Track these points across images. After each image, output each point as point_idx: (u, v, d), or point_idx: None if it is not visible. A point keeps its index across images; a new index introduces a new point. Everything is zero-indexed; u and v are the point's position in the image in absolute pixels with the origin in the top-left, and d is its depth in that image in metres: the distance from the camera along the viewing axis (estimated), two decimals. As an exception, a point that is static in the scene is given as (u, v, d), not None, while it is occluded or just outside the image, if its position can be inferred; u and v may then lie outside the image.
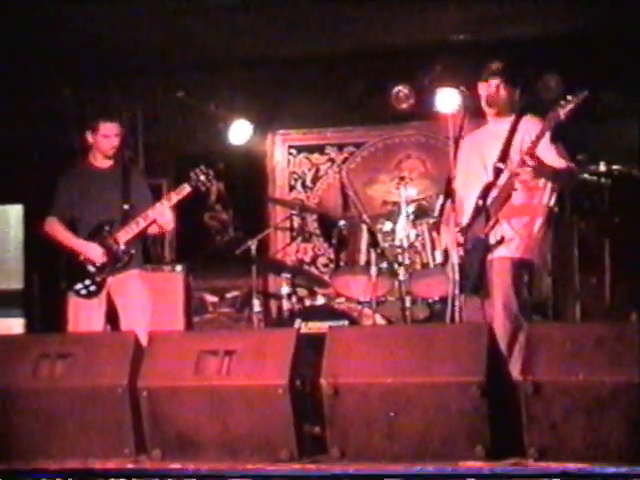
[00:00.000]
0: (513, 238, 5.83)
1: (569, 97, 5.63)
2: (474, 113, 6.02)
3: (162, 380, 4.97)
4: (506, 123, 5.96)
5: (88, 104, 8.70)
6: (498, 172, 5.85)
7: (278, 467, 4.66)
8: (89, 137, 6.81)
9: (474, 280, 5.78)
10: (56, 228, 6.76)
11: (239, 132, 8.97)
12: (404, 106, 8.97)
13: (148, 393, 4.94)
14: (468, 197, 5.95)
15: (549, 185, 5.91)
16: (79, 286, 6.61)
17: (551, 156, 5.80)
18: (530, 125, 5.87)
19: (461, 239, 5.75)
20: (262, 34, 8.08)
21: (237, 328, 8.93)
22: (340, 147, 9.52)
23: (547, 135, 5.74)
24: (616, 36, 7.91)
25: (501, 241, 5.80)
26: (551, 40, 8.19)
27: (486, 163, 5.94)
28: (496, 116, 6.02)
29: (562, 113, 5.62)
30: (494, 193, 5.86)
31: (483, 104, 6.02)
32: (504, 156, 5.86)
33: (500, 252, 5.83)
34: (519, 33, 8.19)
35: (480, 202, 5.86)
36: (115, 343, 5.25)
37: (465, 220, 5.87)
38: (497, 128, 5.99)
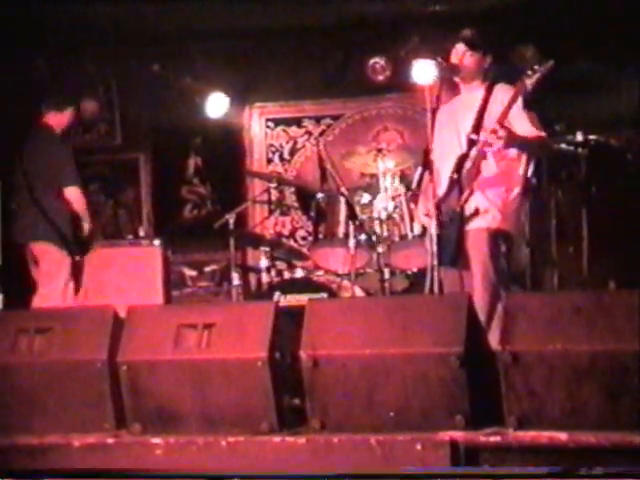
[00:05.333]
0: (488, 209, 5.84)
1: (536, 67, 5.63)
2: (451, 84, 6.02)
3: (141, 354, 4.97)
4: (479, 92, 5.96)
5: (63, 76, 8.65)
6: (472, 143, 5.85)
7: (258, 439, 4.68)
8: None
9: (452, 252, 5.79)
10: (81, 197, 7.07)
11: (216, 105, 8.94)
12: (381, 78, 8.96)
13: (127, 367, 4.94)
14: (443, 168, 5.95)
15: (524, 155, 5.92)
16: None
17: (521, 125, 5.80)
18: (503, 93, 5.87)
19: (436, 211, 5.76)
20: (238, 5, 8.04)
21: (216, 301, 8.93)
22: (317, 119, 9.51)
23: (518, 104, 5.75)
24: (593, 5, 7.91)
25: (476, 212, 5.81)
26: (528, 10, 8.19)
27: (459, 133, 5.94)
28: (464, 83, 6.01)
29: (529, 83, 5.63)
30: (468, 164, 5.86)
31: (455, 73, 6.00)
32: (477, 126, 5.86)
33: (476, 223, 5.84)
34: (495, 3, 8.18)
35: (455, 174, 5.87)
36: (94, 317, 5.23)
37: (441, 192, 5.88)
38: (470, 98, 5.98)
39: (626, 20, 7.81)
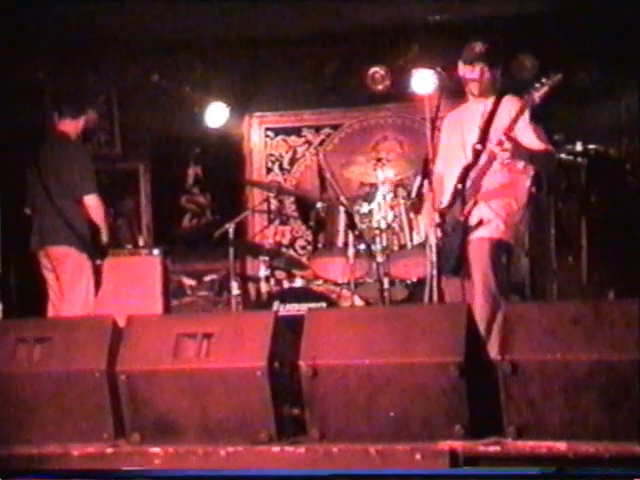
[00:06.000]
0: (492, 219, 5.84)
1: (544, 80, 5.63)
2: (450, 94, 6.02)
3: (140, 364, 4.96)
4: (487, 104, 5.95)
5: (62, 87, 8.65)
6: (477, 153, 5.85)
7: (257, 449, 4.68)
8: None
9: (454, 261, 5.79)
10: (100, 206, 7.10)
11: (215, 115, 8.95)
12: (380, 87, 8.98)
13: (126, 377, 4.93)
14: (448, 177, 5.95)
15: (530, 168, 5.91)
16: None
17: (528, 138, 5.79)
18: (510, 105, 5.86)
19: (439, 220, 5.77)
20: (237, 15, 8.05)
21: (215, 311, 8.93)
22: (317, 129, 9.52)
23: (524, 117, 5.74)
24: (591, 16, 7.92)
25: (480, 223, 5.81)
26: (527, 20, 8.21)
27: (465, 143, 5.94)
28: (479, 97, 6.00)
29: (537, 96, 5.62)
30: (473, 175, 5.86)
31: (466, 85, 6.00)
32: (483, 137, 5.85)
33: (479, 233, 5.83)
34: (495, 13, 8.19)
35: (459, 184, 5.86)
36: (93, 327, 5.23)
37: (445, 200, 5.89)
38: (477, 108, 5.98)
39: (625, 30, 7.82)
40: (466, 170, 5.86)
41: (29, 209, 7.25)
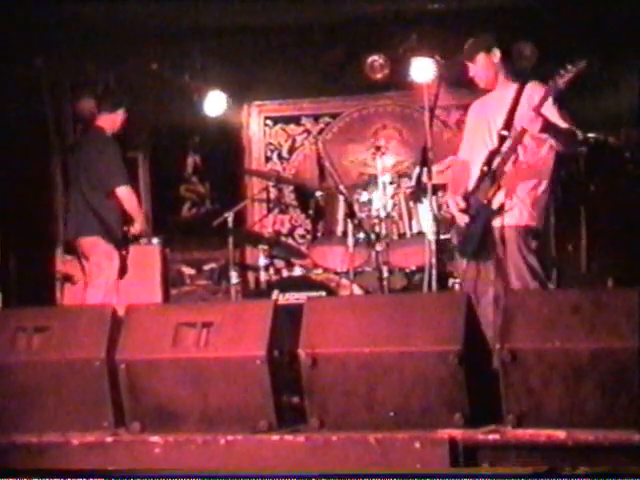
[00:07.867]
0: (517, 206, 5.83)
1: (568, 66, 5.64)
2: (449, 82, 6.02)
3: (140, 353, 4.97)
4: (511, 90, 5.97)
5: (61, 75, 8.64)
6: (502, 139, 5.87)
7: (257, 437, 4.68)
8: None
9: (475, 245, 5.80)
10: (132, 196, 7.21)
11: (214, 104, 8.93)
12: (379, 76, 8.96)
13: (126, 366, 4.94)
14: (474, 162, 5.97)
15: (553, 151, 5.91)
16: None
17: (554, 118, 5.80)
18: (534, 92, 5.87)
19: (464, 204, 5.79)
20: (237, 3, 8.04)
21: (215, 300, 8.93)
22: (316, 118, 9.51)
23: (550, 101, 5.75)
24: (591, 4, 7.91)
25: (503, 208, 5.81)
26: (526, 8, 8.19)
27: (491, 129, 5.96)
28: (491, 88, 6.02)
29: (561, 82, 5.64)
30: (498, 160, 5.87)
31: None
32: (508, 123, 5.86)
33: (506, 221, 5.81)
34: (494, 1, 8.18)
35: (485, 168, 5.88)
36: (92, 316, 5.24)
37: (471, 185, 5.90)
38: (502, 94, 5.99)
39: (624, 18, 7.81)
40: (492, 154, 5.87)
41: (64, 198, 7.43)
